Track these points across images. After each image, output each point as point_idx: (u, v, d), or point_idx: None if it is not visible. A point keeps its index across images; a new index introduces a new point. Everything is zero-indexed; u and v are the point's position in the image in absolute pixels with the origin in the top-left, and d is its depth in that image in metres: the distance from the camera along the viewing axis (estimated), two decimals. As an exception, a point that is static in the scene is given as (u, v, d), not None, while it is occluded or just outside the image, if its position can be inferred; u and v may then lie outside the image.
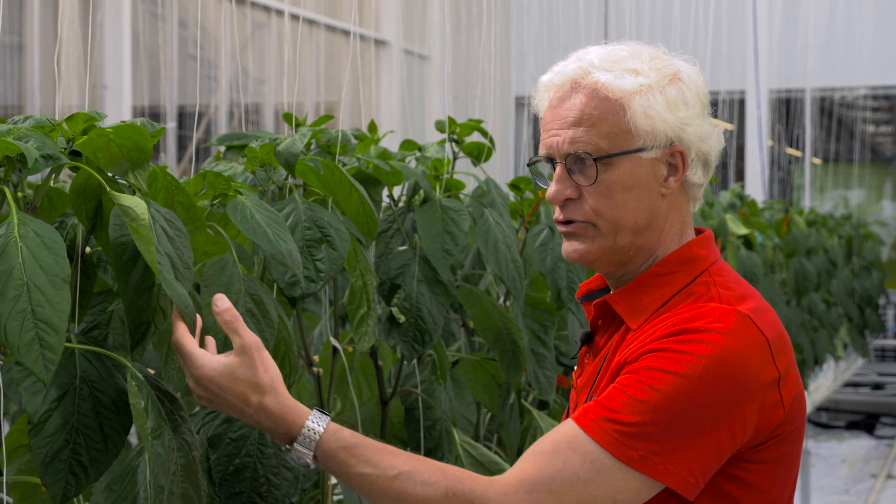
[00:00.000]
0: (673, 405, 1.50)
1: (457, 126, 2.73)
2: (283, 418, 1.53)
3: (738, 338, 1.54)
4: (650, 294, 1.64)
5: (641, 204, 1.63)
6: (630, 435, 1.50)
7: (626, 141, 1.61)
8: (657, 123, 1.61)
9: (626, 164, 1.61)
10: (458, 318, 2.97)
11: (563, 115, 1.63)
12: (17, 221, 1.40)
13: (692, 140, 1.64)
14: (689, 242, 1.68)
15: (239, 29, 7.74)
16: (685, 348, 1.52)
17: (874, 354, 11.29)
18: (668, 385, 1.51)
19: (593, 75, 1.62)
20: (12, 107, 6.29)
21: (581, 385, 1.72)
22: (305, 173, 2.14)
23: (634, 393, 1.52)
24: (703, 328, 1.54)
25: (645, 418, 1.50)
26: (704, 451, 1.51)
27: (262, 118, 8.21)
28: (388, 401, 2.63)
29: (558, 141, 1.64)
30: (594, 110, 1.61)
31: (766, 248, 5.46)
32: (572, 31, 9.74)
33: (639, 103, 1.60)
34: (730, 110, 11.17)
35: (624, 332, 1.66)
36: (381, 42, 9.42)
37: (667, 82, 1.62)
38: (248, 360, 1.53)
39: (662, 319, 1.60)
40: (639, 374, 1.53)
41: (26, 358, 1.33)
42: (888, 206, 14.75)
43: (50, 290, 1.36)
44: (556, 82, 1.65)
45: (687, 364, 1.51)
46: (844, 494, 8.18)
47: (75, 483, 1.47)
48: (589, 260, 1.66)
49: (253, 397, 1.52)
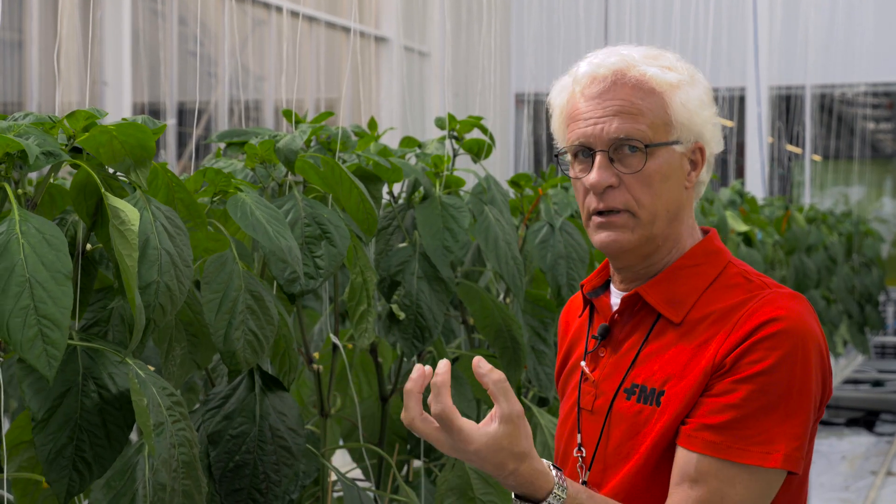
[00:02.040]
0: (786, 398, 1.58)
1: (457, 123, 2.73)
2: (534, 482, 1.57)
3: (804, 312, 1.63)
4: (682, 286, 1.69)
5: (673, 195, 1.69)
6: (762, 441, 1.58)
7: (665, 132, 1.67)
8: (692, 118, 1.68)
9: (665, 154, 1.67)
10: (458, 314, 2.97)
11: (607, 105, 1.67)
12: (18, 218, 1.40)
13: (710, 139, 1.71)
14: (710, 236, 1.75)
15: (239, 26, 7.74)
16: (774, 342, 1.59)
17: (874, 351, 11.29)
18: (776, 383, 1.58)
19: (639, 68, 1.67)
20: (12, 103, 6.29)
21: (601, 379, 1.74)
22: (305, 170, 2.14)
23: (749, 403, 1.58)
24: (775, 316, 1.60)
25: (770, 422, 1.58)
26: (807, 426, 1.61)
27: (262, 115, 8.21)
28: (388, 398, 2.63)
29: (602, 128, 1.66)
30: (640, 101, 1.66)
31: (767, 245, 5.46)
32: (572, 27, 9.74)
33: (679, 97, 1.67)
34: (730, 107, 11.16)
35: (662, 326, 1.69)
36: (382, 39, 9.42)
37: (693, 81, 1.70)
38: (513, 429, 1.55)
39: (723, 316, 1.64)
40: (745, 383, 1.59)
41: (29, 354, 1.33)
42: (888, 202, 14.75)
43: (52, 286, 1.36)
44: (600, 73, 1.68)
45: (782, 355, 1.58)
46: (844, 491, 8.19)
47: (79, 480, 1.48)
48: (627, 249, 1.69)
49: (511, 465, 1.55)
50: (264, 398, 1.97)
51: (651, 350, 1.68)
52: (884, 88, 12.60)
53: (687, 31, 9.36)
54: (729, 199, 5.37)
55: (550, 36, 9.45)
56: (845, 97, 13.59)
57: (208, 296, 1.81)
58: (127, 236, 1.47)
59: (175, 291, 1.57)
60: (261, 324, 1.84)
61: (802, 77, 11.14)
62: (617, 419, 1.68)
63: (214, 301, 1.81)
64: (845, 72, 11.52)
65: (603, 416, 1.70)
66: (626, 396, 1.68)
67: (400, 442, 2.82)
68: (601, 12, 10.34)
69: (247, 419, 1.95)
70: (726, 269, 1.70)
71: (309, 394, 2.74)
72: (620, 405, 1.68)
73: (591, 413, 1.73)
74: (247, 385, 1.98)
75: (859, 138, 14.34)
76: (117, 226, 1.48)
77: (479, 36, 8.78)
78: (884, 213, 14.50)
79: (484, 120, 2.78)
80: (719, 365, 1.60)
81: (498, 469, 1.55)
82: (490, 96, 5.19)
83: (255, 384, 1.98)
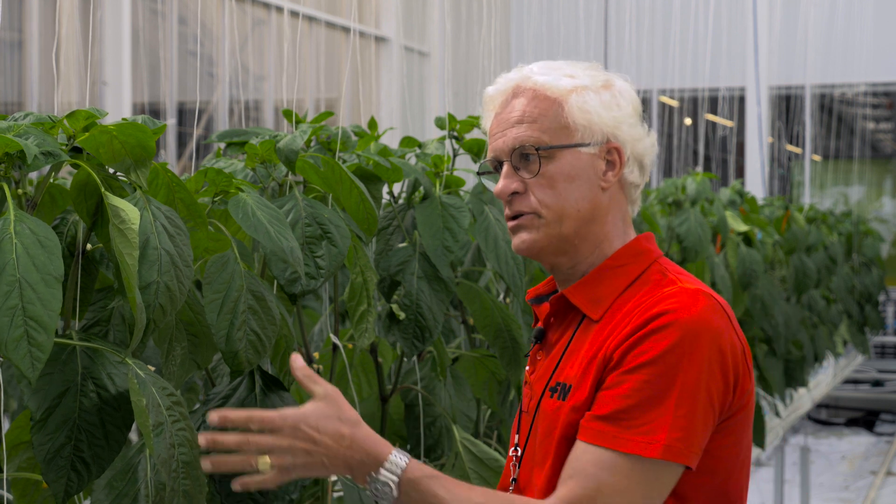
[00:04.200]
0: (671, 390, 1.59)
1: (457, 123, 2.73)
2: (375, 446, 1.63)
3: (706, 309, 1.64)
4: (606, 286, 1.74)
5: (582, 195, 1.73)
6: (646, 432, 1.59)
7: (565, 135, 1.73)
8: (593, 118, 1.73)
9: (567, 156, 1.73)
10: (458, 314, 2.97)
11: (507, 118, 1.76)
12: (13, 218, 1.40)
13: (627, 139, 1.76)
14: (638, 237, 1.79)
15: (239, 26, 7.74)
16: (663, 334, 1.61)
17: (874, 351, 11.29)
18: (660, 374, 1.59)
19: (533, 79, 1.76)
20: (11, 103, 6.29)
21: (535, 380, 1.80)
22: (306, 170, 2.14)
23: (635, 394, 1.60)
24: (670, 308, 1.63)
25: (653, 413, 1.59)
26: (704, 421, 1.61)
27: (262, 115, 8.21)
28: (388, 397, 2.63)
29: (504, 141, 1.76)
30: (534, 108, 1.74)
31: (766, 245, 5.45)
32: (572, 27, 9.74)
33: (574, 100, 1.73)
34: (730, 107, 11.17)
35: (586, 325, 1.74)
36: (381, 39, 9.42)
37: (600, 86, 1.76)
38: (331, 401, 1.63)
39: (628, 310, 1.68)
40: (631, 374, 1.61)
41: (14, 354, 1.33)
42: (888, 202, 14.76)
43: (42, 288, 1.36)
44: (500, 89, 1.79)
45: (669, 347, 1.60)
46: (844, 491, 8.19)
47: (77, 480, 1.48)
48: (537, 249, 1.75)
49: (346, 430, 1.61)
50: (265, 398, 1.97)
51: (574, 348, 1.74)
52: (884, 88, 12.60)
53: (687, 31, 9.36)
54: (729, 199, 5.37)
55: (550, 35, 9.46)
56: (845, 97, 13.60)
57: (210, 296, 1.81)
58: (127, 235, 1.47)
59: (175, 291, 1.57)
60: (262, 324, 1.84)
61: (802, 77, 11.14)
62: (541, 417, 1.73)
63: (216, 301, 1.81)
64: (845, 72, 11.53)
65: (532, 415, 1.77)
66: (550, 395, 1.73)
67: (400, 442, 2.82)
68: (601, 12, 10.34)
69: (247, 419, 1.95)
70: (650, 267, 1.74)
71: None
72: (545, 404, 1.73)
73: (526, 414, 1.80)
74: (247, 385, 1.98)
75: (859, 138, 14.34)
76: (118, 225, 1.48)
77: (479, 35, 8.79)
78: (884, 213, 14.50)
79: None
80: (609, 358, 1.64)
81: (337, 439, 1.60)
82: (490, 96, 5.15)
83: (255, 384, 1.98)
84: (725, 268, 4.66)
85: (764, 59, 10.81)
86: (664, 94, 11.40)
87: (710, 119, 11.45)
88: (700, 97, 10.54)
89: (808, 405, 6.82)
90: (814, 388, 6.96)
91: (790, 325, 5.48)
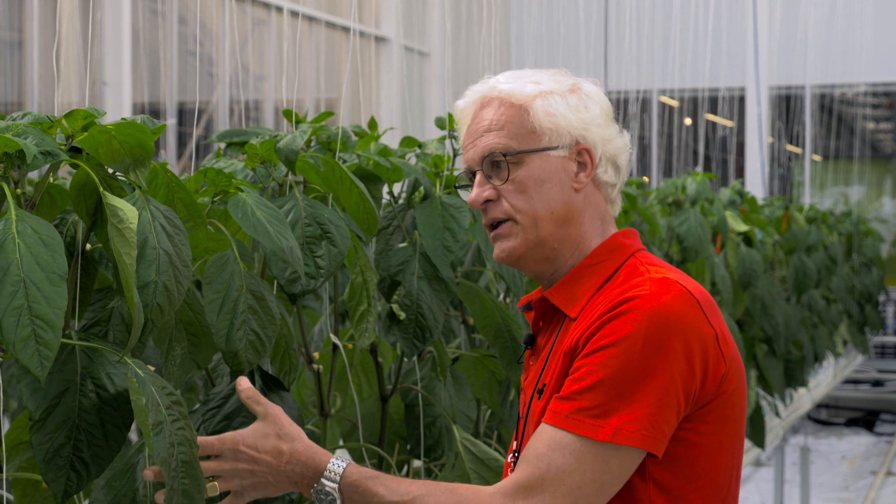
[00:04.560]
0: (628, 374, 1.59)
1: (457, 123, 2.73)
2: (312, 458, 1.68)
3: (671, 296, 1.64)
4: (583, 284, 1.75)
5: (554, 196, 1.74)
6: (597, 415, 1.59)
7: (532, 140, 1.74)
8: (559, 121, 1.75)
9: (536, 161, 1.74)
10: (458, 314, 2.97)
11: (476, 129, 1.78)
12: (14, 218, 1.40)
13: (597, 140, 1.77)
14: (615, 234, 1.80)
15: (239, 26, 7.74)
16: (623, 319, 1.62)
17: (874, 351, 11.29)
18: (617, 357, 1.60)
19: (499, 87, 1.78)
20: (11, 103, 6.29)
21: (527, 385, 1.81)
22: (306, 170, 2.14)
23: (590, 376, 1.61)
24: (635, 296, 1.64)
25: (606, 395, 1.59)
26: (666, 407, 1.60)
27: (262, 115, 8.21)
28: (388, 397, 2.63)
29: (474, 151, 1.78)
30: (501, 116, 1.76)
31: (766, 245, 5.45)
32: (572, 27, 9.75)
33: (539, 104, 1.75)
34: (730, 107, 11.17)
35: (567, 324, 1.75)
36: (381, 39, 9.43)
37: (566, 90, 1.77)
38: (272, 419, 1.70)
39: (598, 303, 1.69)
40: (589, 358, 1.62)
41: (22, 354, 1.33)
42: (888, 202, 14.76)
43: (47, 286, 1.36)
44: (469, 101, 1.81)
45: (629, 332, 1.61)
46: (844, 491, 8.19)
47: (76, 479, 1.48)
48: (517, 255, 1.77)
49: (284, 446, 1.67)
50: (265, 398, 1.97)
51: (555, 349, 1.75)
52: (884, 88, 12.60)
53: (687, 31, 9.36)
54: (729, 199, 5.37)
55: (550, 36, 9.46)
56: (845, 97, 13.60)
57: (210, 296, 1.81)
58: (125, 235, 1.47)
59: (173, 291, 1.57)
60: (263, 324, 1.84)
61: (802, 77, 11.14)
62: (531, 420, 1.74)
63: (216, 301, 1.81)
64: (845, 72, 11.53)
65: (524, 419, 1.78)
66: (537, 396, 1.74)
67: (400, 442, 2.82)
68: (601, 12, 10.35)
69: (247, 419, 1.95)
70: (626, 261, 1.75)
71: (309, 394, 2.74)
72: (534, 405, 1.74)
73: (522, 418, 1.81)
74: (247, 385, 1.98)
75: (859, 138, 14.35)
76: (116, 224, 1.48)
77: (479, 36, 8.78)
78: (884, 213, 14.50)
79: (484, 120, 2.78)
80: (575, 346, 1.66)
81: (276, 456, 1.66)
82: (490, 96, 5.16)
83: (255, 384, 1.98)
84: (725, 268, 4.66)
85: (764, 59, 10.81)
86: (664, 94, 11.40)
87: (710, 119, 11.45)
88: (700, 97, 10.54)
89: (808, 405, 6.82)
90: (814, 388, 6.96)
91: (790, 325, 5.48)
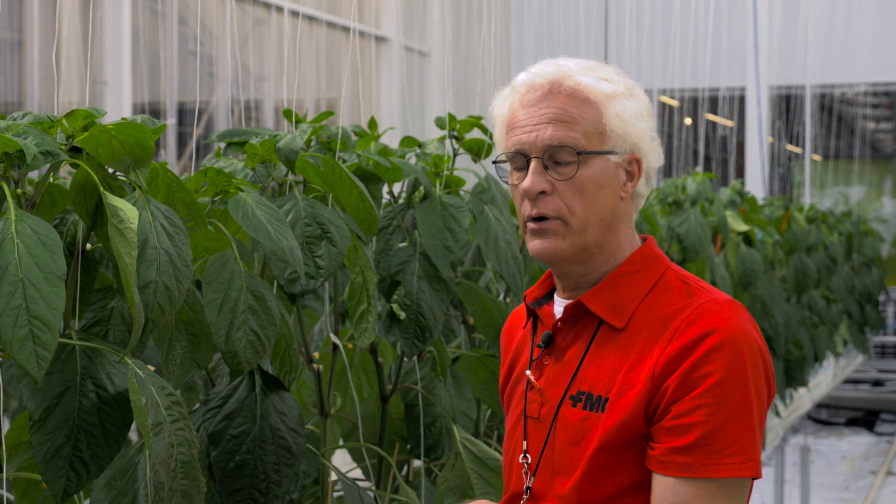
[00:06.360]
0: (743, 407, 1.60)
1: (457, 123, 2.73)
2: None
3: (743, 319, 1.65)
4: (624, 292, 1.71)
5: (607, 203, 1.71)
6: (734, 452, 1.59)
7: (599, 142, 1.70)
8: (627, 128, 1.71)
9: (599, 163, 1.70)
10: (459, 314, 2.97)
11: (542, 113, 1.71)
12: (14, 218, 1.40)
13: (647, 151, 1.75)
14: (647, 243, 1.77)
15: (239, 25, 7.74)
16: (717, 354, 1.60)
17: (874, 351, 11.29)
18: (728, 394, 1.60)
19: (574, 77, 1.71)
20: (12, 103, 6.29)
21: (546, 386, 1.76)
22: (305, 170, 2.14)
23: (710, 418, 1.59)
24: (715, 325, 1.62)
25: (736, 432, 1.59)
26: (763, 428, 1.64)
27: (262, 115, 8.21)
28: (388, 397, 2.63)
29: (537, 135, 1.70)
30: (574, 110, 1.70)
31: (767, 245, 5.45)
32: (572, 27, 9.74)
33: (613, 107, 1.70)
34: (730, 107, 11.17)
35: (606, 333, 1.71)
36: (382, 39, 9.42)
37: (631, 94, 1.74)
38: None
39: (661, 322, 1.66)
40: (699, 399, 1.60)
41: (19, 354, 1.33)
42: (888, 202, 14.76)
43: (45, 287, 1.36)
44: (537, 82, 1.73)
45: (726, 366, 1.60)
46: (844, 491, 8.19)
47: (76, 479, 1.47)
48: (560, 257, 1.72)
49: None
50: (265, 398, 1.97)
51: (594, 357, 1.70)
52: (884, 88, 12.60)
53: (687, 31, 9.36)
54: (729, 199, 5.37)
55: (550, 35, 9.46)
56: (845, 97, 13.60)
57: (210, 296, 1.81)
58: (126, 235, 1.47)
59: (174, 291, 1.57)
60: (262, 324, 1.84)
61: (802, 77, 11.14)
62: (562, 426, 1.70)
63: (216, 301, 1.81)
64: (845, 72, 11.52)
65: (549, 423, 1.72)
66: (571, 403, 1.70)
67: (400, 442, 2.82)
68: (601, 12, 10.34)
69: (247, 419, 1.95)
70: (665, 273, 1.73)
71: (309, 394, 2.74)
72: (566, 412, 1.70)
73: (537, 420, 1.75)
74: (247, 385, 1.98)
75: (859, 138, 14.35)
76: (116, 224, 1.48)
77: (479, 35, 8.78)
78: (884, 213, 14.50)
79: (484, 120, 2.78)
80: (660, 379, 1.62)
81: None
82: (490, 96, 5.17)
83: (255, 384, 1.98)
84: (725, 268, 4.66)
85: (764, 59, 10.80)
86: (664, 94, 11.40)
87: (710, 119, 11.45)
88: (700, 97, 10.54)
89: (808, 405, 6.82)
90: (814, 388, 6.96)
91: (790, 325, 5.48)
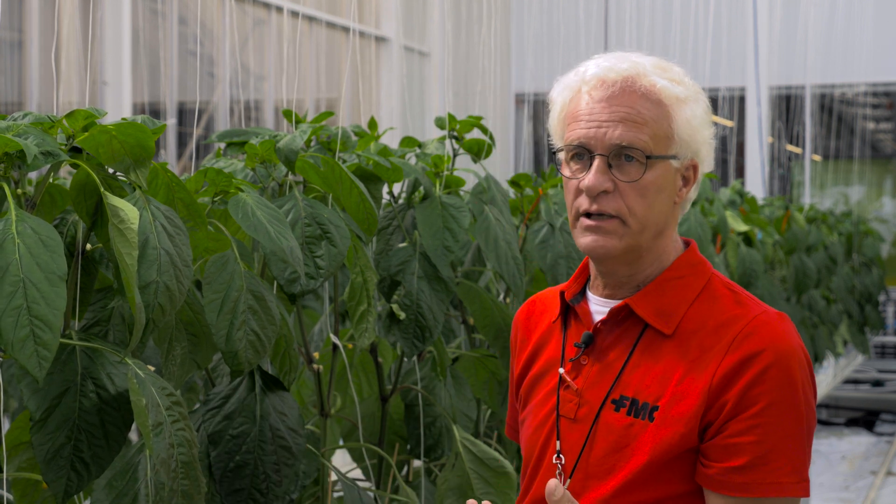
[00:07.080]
0: (797, 424, 1.61)
1: (457, 123, 2.73)
2: None
3: (792, 332, 1.65)
4: (670, 298, 1.69)
5: (664, 208, 1.69)
6: (791, 471, 1.60)
7: (665, 145, 1.67)
8: (694, 134, 1.68)
9: (662, 167, 1.67)
10: (458, 314, 2.97)
11: (613, 110, 1.66)
12: (14, 218, 1.40)
13: (704, 157, 1.72)
14: (691, 248, 1.76)
15: (239, 25, 7.74)
16: (772, 372, 1.60)
17: (874, 351, 11.29)
18: (783, 413, 1.60)
19: (649, 78, 1.67)
20: (11, 103, 6.29)
21: (585, 387, 1.72)
22: (305, 170, 2.14)
23: (767, 438, 1.60)
24: (770, 342, 1.62)
25: (790, 450, 1.60)
26: (811, 444, 1.64)
27: (262, 115, 8.21)
28: (388, 397, 2.63)
29: (605, 133, 1.65)
30: (646, 111, 1.65)
31: (767, 245, 5.46)
32: (572, 27, 9.74)
33: (684, 112, 1.67)
34: (730, 107, 11.17)
35: (652, 337, 1.68)
36: (382, 39, 9.42)
37: (698, 99, 1.70)
38: None
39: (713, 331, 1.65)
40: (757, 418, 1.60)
41: (20, 354, 1.33)
42: (888, 202, 14.75)
43: (46, 287, 1.36)
44: (610, 77, 1.67)
45: (781, 384, 1.60)
46: (844, 491, 8.19)
47: (77, 479, 1.48)
48: (612, 256, 1.68)
49: None
50: (265, 398, 1.97)
51: (640, 362, 1.67)
52: (884, 88, 12.60)
53: (687, 31, 9.35)
54: (729, 199, 5.37)
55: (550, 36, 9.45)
56: (845, 97, 13.59)
57: (210, 296, 1.81)
58: (126, 235, 1.47)
59: (174, 291, 1.57)
60: (262, 324, 1.84)
61: (802, 77, 11.14)
62: (604, 430, 1.67)
63: (216, 301, 1.81)
64: (845, 72, 11.52)
65: (588, 425, 1.69)
66: (614, 408, 1.67)
67: (400, 442, 2.82)
68: (601, 12, 10.34)
69: (247, 419, 1.95)
70: (710, 280, 1.72)
71: (309, 394, 2.74)
72: (608, 416, 1.67)
73: (573, 421, 1.71)
74: (247, 385, 1.98)
75: (859, 138, 14.34)
76: (117, 225, 1.48)
77: (479, 36, 8.78)
78: (884, 213, 14.50)
79: (484, 120, 2.78)
80: (717, 391, 1.61)
81: None
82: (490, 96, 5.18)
83: (255, 384, 1.98)
84: (725, 268, 4.66)
85: (764, 59, 10.80)
86: (664, 94, 11.37)
87: (710, 119, 11.42)
88: (700, 97, 10.51)
89: (808, 405, 6.80)
90: (814, 389, 6.95)
91: (790, 325, 5.47)
